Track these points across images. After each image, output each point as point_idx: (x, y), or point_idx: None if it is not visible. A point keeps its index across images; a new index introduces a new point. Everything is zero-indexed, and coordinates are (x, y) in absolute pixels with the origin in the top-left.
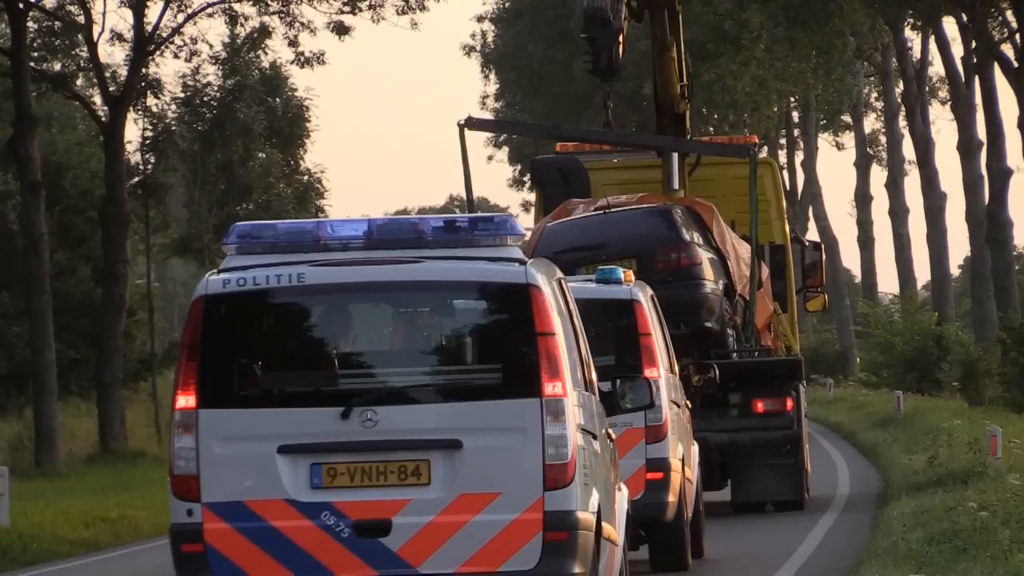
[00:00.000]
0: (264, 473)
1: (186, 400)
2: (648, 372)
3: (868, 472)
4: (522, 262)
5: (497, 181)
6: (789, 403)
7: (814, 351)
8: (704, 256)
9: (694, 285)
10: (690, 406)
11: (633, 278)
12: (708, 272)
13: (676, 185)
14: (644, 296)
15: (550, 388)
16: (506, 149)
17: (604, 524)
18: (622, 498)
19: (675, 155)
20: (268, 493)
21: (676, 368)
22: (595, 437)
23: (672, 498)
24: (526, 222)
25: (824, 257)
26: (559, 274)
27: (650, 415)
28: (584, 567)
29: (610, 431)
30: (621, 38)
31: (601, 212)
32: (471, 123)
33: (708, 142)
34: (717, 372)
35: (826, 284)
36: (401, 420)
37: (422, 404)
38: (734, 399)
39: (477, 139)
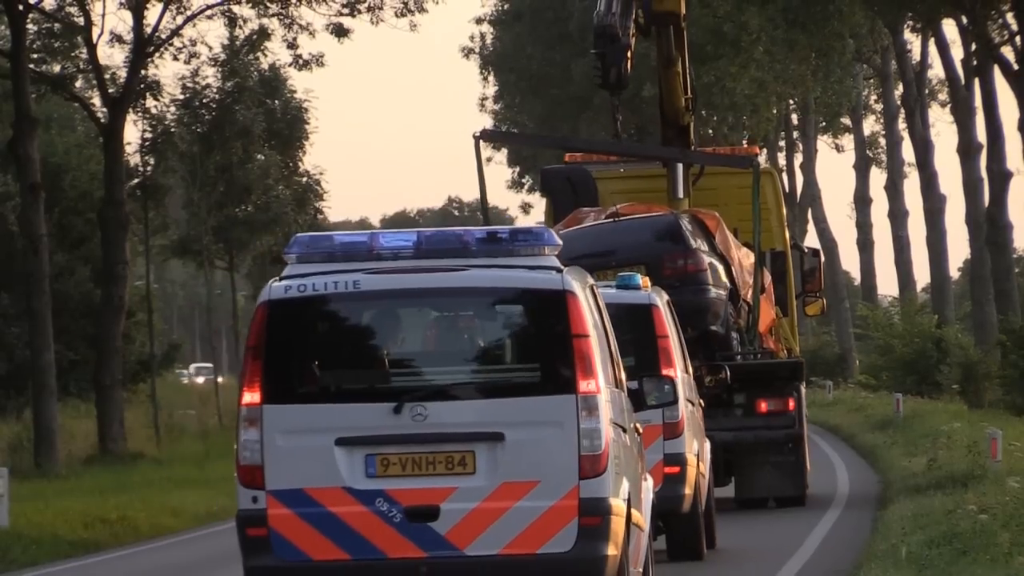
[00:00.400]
0: (323, 463)
1: (251, 397)
2: (665, 372)
3: (867, 474)
4: (559, 270)
5: (496, 183)
6: (791, 403)
7: (813, 353)
8: (709, 262)
9: (700, 290)
10: (703, 405)
11: (650, 284)
12: (713, 278)
13: (680, 194)
14: (661, 301)
15: (584, 385)
16: (505, 151)
17: (633, 511)
18: (648, 487)
19: (679, 165)
20: (326, 481)
21: (690, 368)
22: (625, 430)
23: (688, 491)
24: (524, 224)
25: (822, 263)
26: (591, 281)
27: (667, 413)
28: (616, 550)
29: (637, 425)
30: (629, 54)
31: (611, 220)
32: (486, 135)
33: (712, 153)
34: (728, 373)
35: (824, 289)
36: (448, 415)
37: (467, 400)
38: (739, 399)
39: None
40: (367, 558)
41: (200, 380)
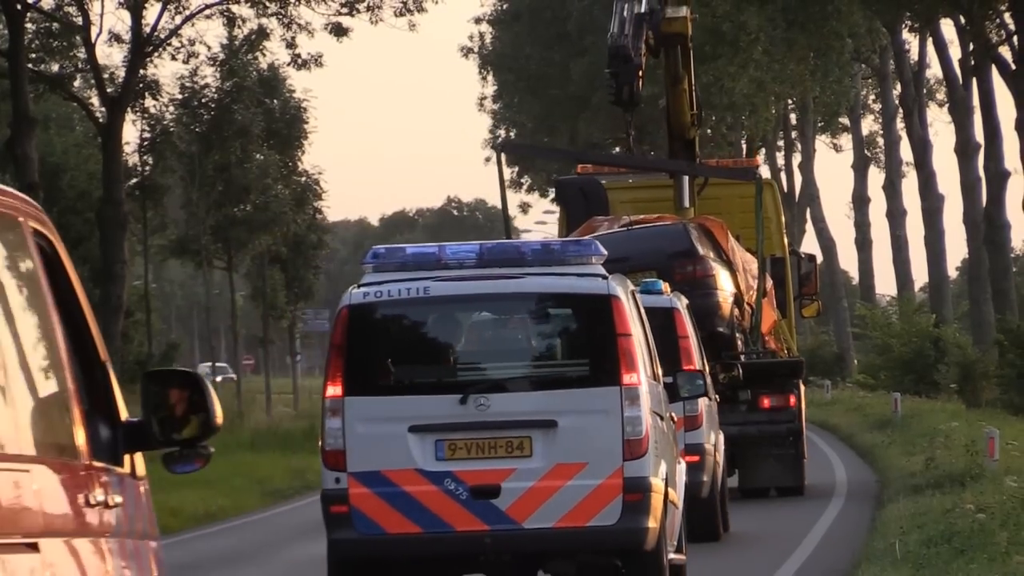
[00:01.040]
0: (397, 448)
1: (334, 390)
2: (687, 369)
3: (865, 474)
4: (605, 277)
5: (496, 182)
6: (792, 400)
7: (812, 353)
8: (716, 268)
9: (707, 294)
10: (717, 400)
11: (670, 290)
12: (720, 283)
13: (686, 203)
14: (681, 305)
15: (627, 378)
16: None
17: (669, 489)
18: (681, 470)
19: (686, 176)
20: (401, 464)
21: (706, 366)
22: (662, 418)
23: (707, 478)
24: (522, 223)
25: (817, 267)
26: (632, 287)
27: (688, 406)
28: (655, 523)
29: (672, 414)
30: (640, 73)
31: (624, 228)
32: (507, 147)
33: (717, 166)
34: (741, 371)
35: (819, 292)
36: (508, 405)
37: (524, 392)
38: (743, 396)
39: (476, 140)
40: (437, 531)
41: (219, 379)
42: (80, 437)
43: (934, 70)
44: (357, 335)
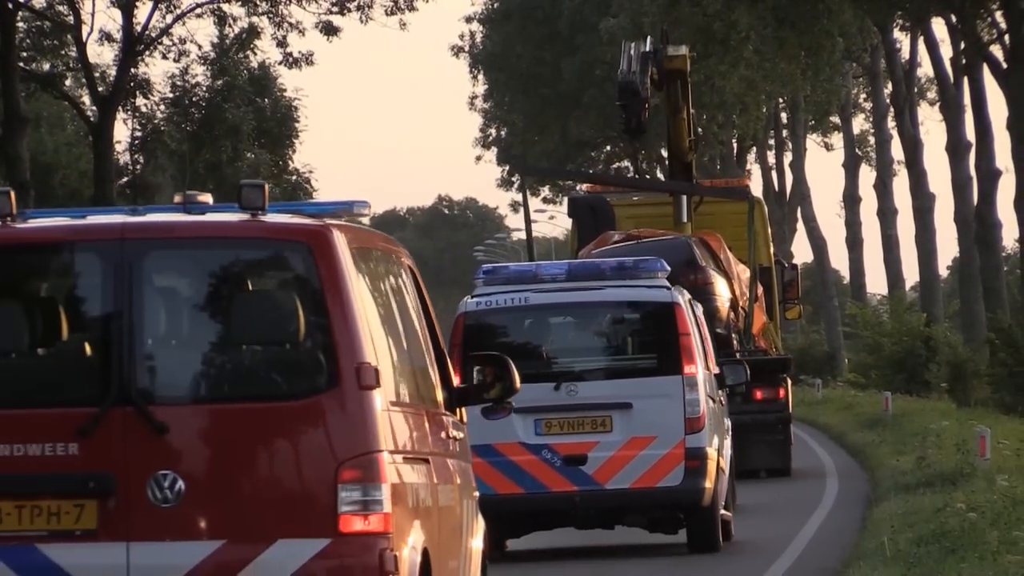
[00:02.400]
0: (505, 426)
1: (456, 380)
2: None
3: (856, 473)
4: (668, 288)
5: (487, 181)
6: (782, 392)
7: (802, 352)
8: (715, 277)
9: (707, 300)
10: (723, 401)
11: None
12: (718, 289)
13: (684, 219)
14: (697, 311)
15: (687, 369)
16: (495, 150)
17: (720, 458)
18: (728, 444)
19: (683, 195)
20: (507, 438)
21: (712, 366)
22: (714, 401)
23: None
24: (514, 223)
25: (799, 275)
26: (689, 296)
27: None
28: (711, 484)
29: (722, 398)
30: (647, 105)
31: (633, 242)
32: (527, 169)
33: (713, 186)
34: (748, 371)
35: (800, 296)
36: (592, 391)
37: (605, 380)
38: (739, 389)
39: (467, 139)
40: (537, 492)
41: None
42: (440, 396)
43: (925, 69)
44: (471, 335)
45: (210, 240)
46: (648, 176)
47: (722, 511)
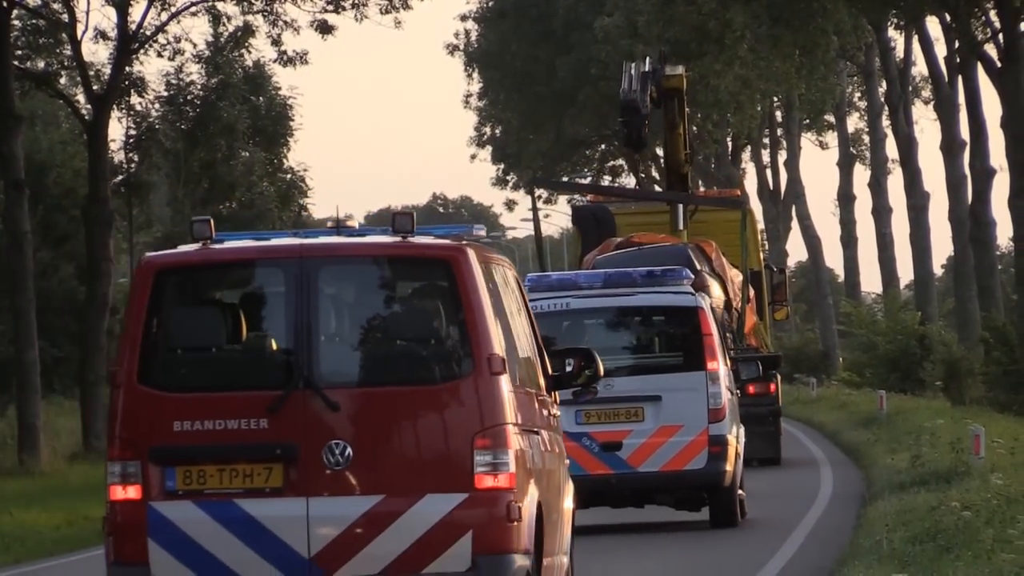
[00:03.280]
0: None
1: None
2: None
3: (851, 471)
4: (693, 294)
5: (481, 180)
6: (772, 387)
7: (797, 351)
8: (710, 281)
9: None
10: (738, 394)
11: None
12: (713, 292)
13: (680, 227)
14: (717, 314)
15: (710, 365)
16: (489, 148)
17: (737, 444)
18: (742, 431)
19: (680, 204)
20: None
21: (728, 362)
22: (732, 393)
23: (729, 467)
24: (509, 221)
25: (787, 278)
26: (711, 301)
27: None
28: (731, 467)
29: (736, 391)
30: (647, 122)
31: (634, 248)
32: (540, 183)
33: (707, 196)
34: (761, 367)
35: (788, 298)
36: (626, 385)
37: (638, 375)
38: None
39: (462, 137)
40: (576, 474)
41: None
42: (542, 381)
43: (920, 67)
44: None
45: (372, 257)
46: (643, 175)
47: (739, 491)
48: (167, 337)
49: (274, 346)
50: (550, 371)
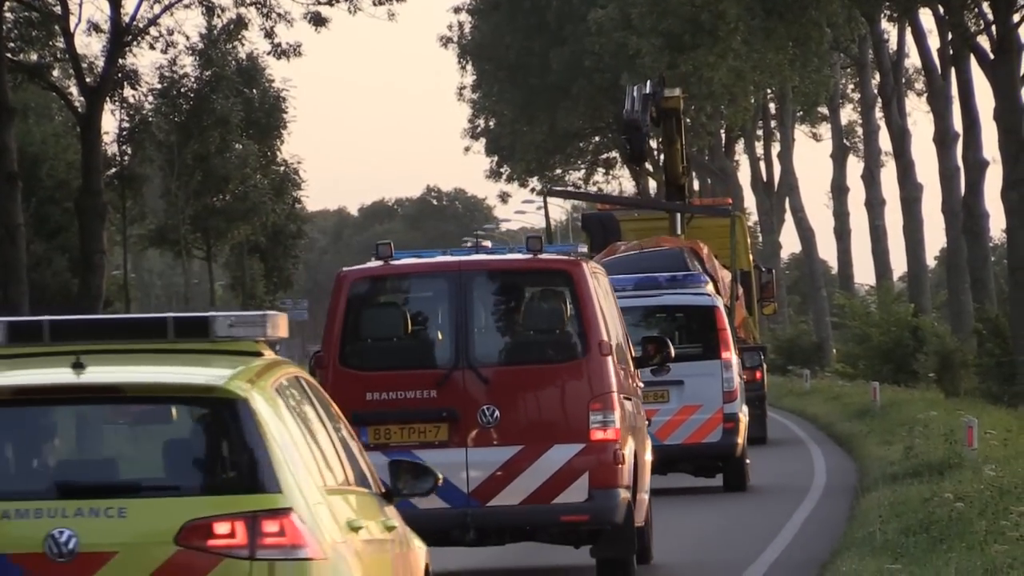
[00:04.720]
0: None
1: None
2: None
3: (844, 463)
4: (711, 295)
5: (475, 172)
6: (759, 374)
7: (791, 343)
8: (704, 280)
9: None
10: (745, 379)
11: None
12: (706, 290)
13: (678, 232)
14: (720, 304)
15: (725, 355)
16: (483, 141)
17: (745, 420)
18: (746, 411)
19: (677, 212)
20: None
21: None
22: (741, 378)
23: (740, 440)
24: (502, 213)
25: (775, 277)
26: (725, 300)
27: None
28: (742, 440)
29: (744, 374)
30: (647, 138)
31: (636, 251)
32: (551, 191)
33: (700, 205)
34: (763, 355)
35: (776, 295)
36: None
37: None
38: None
39: (455, 130)
40: None
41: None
42: (630, 361)
43: (913, 59)
44: None
45: (512, 270)
46: (641, 181)
47: (746, 460)
48: (360, 330)
49: (440, 336)
50: (633, 353)
